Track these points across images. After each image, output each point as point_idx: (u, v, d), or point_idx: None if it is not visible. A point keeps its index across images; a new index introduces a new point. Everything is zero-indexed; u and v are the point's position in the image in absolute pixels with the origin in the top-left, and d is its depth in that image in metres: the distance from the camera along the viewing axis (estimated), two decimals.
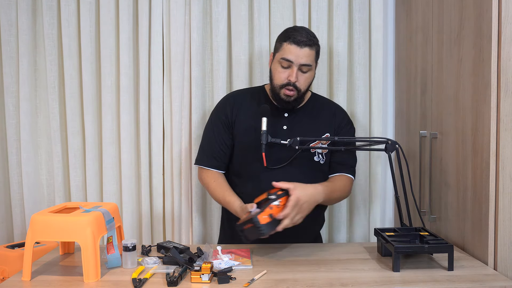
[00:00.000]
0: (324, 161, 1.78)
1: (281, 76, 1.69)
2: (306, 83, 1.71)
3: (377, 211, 2.26)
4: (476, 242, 1.54)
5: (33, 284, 1.35)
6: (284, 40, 1.69)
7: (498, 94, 1.42)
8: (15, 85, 2.16)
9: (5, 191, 2.21)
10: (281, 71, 1.69)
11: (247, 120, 1.78)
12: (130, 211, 2.19)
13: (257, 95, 1.84)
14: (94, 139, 2.18)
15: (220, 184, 1.78)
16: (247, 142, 1.76)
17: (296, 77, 1.66)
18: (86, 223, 1.35)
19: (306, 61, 1.66)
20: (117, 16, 2.15)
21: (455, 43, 1.66)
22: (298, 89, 1.69)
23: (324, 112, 1.83)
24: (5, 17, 2.14)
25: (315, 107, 1.83)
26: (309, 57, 1.67)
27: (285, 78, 1.68)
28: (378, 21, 2.18)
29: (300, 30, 1.70)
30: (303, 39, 1.65)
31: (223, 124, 1.80)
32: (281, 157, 1.73)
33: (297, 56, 1.65)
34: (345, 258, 1.57)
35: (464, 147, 1.61)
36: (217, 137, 1.80)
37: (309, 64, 1.67)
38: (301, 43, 1.65)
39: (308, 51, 1.66)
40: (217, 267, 1.41)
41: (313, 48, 1.68)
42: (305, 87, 1.71)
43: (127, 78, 2.15)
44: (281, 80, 1.69)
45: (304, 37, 1.66)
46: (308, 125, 1.78)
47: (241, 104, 1.81)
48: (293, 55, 1.65)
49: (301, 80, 1.68)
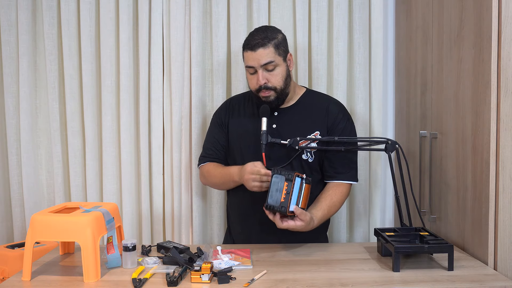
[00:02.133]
0: (313, 159, 1.76)
1: (253, 82, 1.72)
2: (278, 80, 1.70)
3: (377, 211, 2.26)
4: (476, 242, 1.54)
5: (33, 284, 1.35)
6: (243, 48, 1.73)
7: (498, 94, 1.42)
8: (15, 85, 2.17)
9: (5, 191, 2.21)
10: (251, 78, 1.72)
11: (241, 122, 1.82)
12: (130, 211, 2.19)
13: (251, 97, 1.87)
14: (94, 139, 2.18)
15: (215, 165, 1.83)
16: (240, 143, 1.80)
17: (263, 79, 1.68)
18: (86, 223, 1.35)
19: (265, 60, 1.67)
20: (117, 16, 2.15)
21: (455, 43, 1.66)
22: (272, 88, 1.70)
23: (316, 109, 1.80)
24: (5, 17, 2.14)
25: (306, 104, 1.82)
26: (267, 55, 1.67)
27: (256, 83, 1.70)
28: (378, 21, 2.18)
29: (254, 32, 1.72)
30: (255, 41, 1.67)
31: (218, 126, 1.87)
32: (277, 157, 1.73)
33: (254, 60, 1.67)
34: (345, 258, 1.57)
35: (464, 147, 1.61)
36: (213, 139, 1.87)
37: (270, 61, 1.67)
38: (254, 46, 1.67)
39: (262, 50, 1.66)
40: (217, 267, 1.41)
41: (268, 45, 1.67)
42: (279, 83, 1.71)
43: (127, 78, 2.16)
44: (254, 86, 1.72)
45: (256, 39, 1.68)
46: (297, 123, 1.77)
47: (236, 107, 1.86)
48: (251, 60, 1.68)
49: (271, 79, 1.69)
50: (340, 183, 1.76)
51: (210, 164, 1.85)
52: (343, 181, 1.76)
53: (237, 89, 2.14)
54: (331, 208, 1.69)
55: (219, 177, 1.80)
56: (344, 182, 1.76)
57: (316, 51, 2.17)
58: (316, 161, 1.77)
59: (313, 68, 2.18)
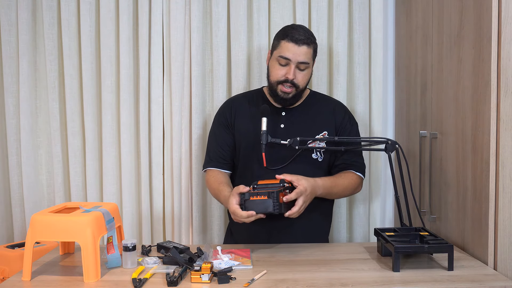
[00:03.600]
0: (322, 158, 1.78)
1: (279, 73, 1.71)
2: (304, 80, 1.74)
3: (377, 211, 2.26)
4: (476, 242, 1.54)
5: (33, 284, 1.35)
6: (282, 38, 1.70)
7: (498, 94, 1.42)
8: (15, 85, 2.17)
9: (5, 191, 2.21)
10: (279, 68, 1.71)
11: (246, 123, 1.80)
12: (130, 211, 2.19)
13: (255, 97, 1.86)
14: (94, 139, 2.18)
15: (216, 178, 1.78)
16: (246, 144, 1.78)
17: (293, 75, 1.69)
18: (86, 223, 1.35)
19: (303, 59, 1.68)
20: (117, 16, 2.15)
21: (455, 43, 1.66)
22: (296, 86, 1.72)
23: (323, 110, 1.83)
24: (5, 17, 2.14)
25: (313, 105, 1.84)
26: (306, 55, 1.69)
27: (283, 75, 1.70)
28: (378, 21, 2.18)
29: (298, 28, 1.71)
30: (301, 37, 1.67)
31: (224, 127, 1.83)
32: (281, 157, 1.73)
33: (294, 54, 1.67)
34: (345, 258, 1.57)
35: (464, 147, 1.61)
36: (219, 139, 1.83)
37: (306, 62, 1.70)
38: (299, 41, 1.67)
39: (306, 49, 1.68)
40: (217, 267, 1.41)
41: (311, 46, 1.70)
42: (304, 84, 1.74)
43: (127, 78, 2.16)
44: (278, 77, 1.71)
45: (302, 35, 1.68)
46: (305, 123, 1.79)
47: (240, 107, 1.84)
48: (291, 53, 1.67)
49: (299, 78, 1.71)
50: (349, 172, 1.79)
51: (212, 174, 1.80)
52: (352, 171, 1.79)
53: (237, 89, 2.14)
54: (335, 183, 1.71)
55: (213, 193, 1.79)
56: (351, 171, 1.79)
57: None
58: (325, 160, 1.79)
59: (313, 68, 2.17)
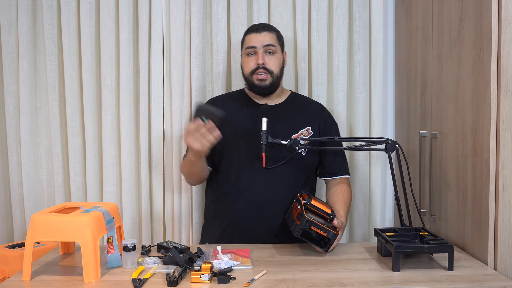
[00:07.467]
0: (305, 152, 1.81)
1: (250, 63, 1.77)
2: (276, 65, 1.78)
3: (377, 211, 2.26)
4: (476, 242, 1.54)
5: (33, 284, 1.35)
6: (245, 34, 1.83)
7: (498, 94, 1.42)
8: (15, 85, 2.17)
9: (5, 191, 2.21)
10: (249, 60, 1.78)
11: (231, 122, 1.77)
12: (130, 211, 2.19)
13: (237, 97, 1.90)
14: (94, 139, 2.18)
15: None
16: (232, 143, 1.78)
17: (262, 59, 1.74)
18: (86, 223, 1.35)
19: (268, 42, 1.76)
20: (117, 16, 2.15)
21: (455, 43, 1.66)
22: (270, 71, 1.75)
23: (305, 106, 1.87)
24: (5, 17, 2.14)
25: (295, 102, 1.88)
26: (270, 39, 1.77)
27: (254, 64, 1.75)
28: (378, 21, 2.18)
29: (257, 23, 1.88)
30: (260, 26, 1.79)
31: None
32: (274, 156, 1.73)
33: (257, 40, 1.76)
34: (345, 258, 1.57)
35: (464, 147, 1.61)
36: None
37: (272, 44, 1.76)
38: (259, 29, 1.78)
39: (267, 33, 1.77)
40: (217, 267, 1.41)
41: (272, 32, 1.79)
42: (276, 69, 1.77)
43: (127, 78, 2.16)
44: (250, 66, 1.77)
45: (260, 25, 1.82)
46: (287, 118, 1.81)
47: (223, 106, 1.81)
48: (254, 41, 1.76)
49: (269, 62, 1.76)
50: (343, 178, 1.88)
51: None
52: (344, 175, 1.88)
53: (237, 89, 2.14)
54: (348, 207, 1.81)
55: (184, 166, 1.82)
56: (345, 176, 1.89)
57: (316, 51, 2.17)
58: (309, 155, 1.81)
59: (313, 68, 2.18)
